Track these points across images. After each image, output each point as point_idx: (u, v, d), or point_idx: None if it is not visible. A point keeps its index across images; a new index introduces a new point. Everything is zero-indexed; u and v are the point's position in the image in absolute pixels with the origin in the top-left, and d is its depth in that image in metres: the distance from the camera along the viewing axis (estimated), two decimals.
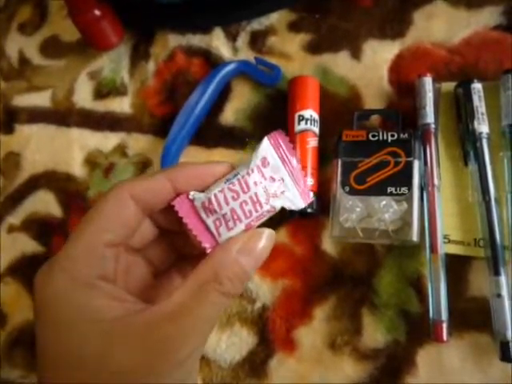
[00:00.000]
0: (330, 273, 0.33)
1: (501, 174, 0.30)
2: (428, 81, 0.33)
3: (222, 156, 0.38)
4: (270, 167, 0.20)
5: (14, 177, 0.47)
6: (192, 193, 0.21)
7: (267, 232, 0.20)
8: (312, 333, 0.32)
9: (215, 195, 0.20)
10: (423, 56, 0.35)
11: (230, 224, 0.20)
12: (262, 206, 0.20)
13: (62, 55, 0.49)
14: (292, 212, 0.32)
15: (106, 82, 0.45)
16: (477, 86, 0.31)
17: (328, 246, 0.33)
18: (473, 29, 0.35)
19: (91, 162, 0.43)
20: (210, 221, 0.20)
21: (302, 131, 0.33)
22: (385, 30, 0.37)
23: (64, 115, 0.46)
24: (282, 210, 0.22)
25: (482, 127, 0.30)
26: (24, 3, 0.54)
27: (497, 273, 0.28)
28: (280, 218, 0.35)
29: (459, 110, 0.32)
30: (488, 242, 0.28)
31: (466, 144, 0.31)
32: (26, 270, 0.43)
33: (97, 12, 0.38)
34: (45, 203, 0.44)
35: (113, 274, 0.20)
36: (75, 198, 0.43)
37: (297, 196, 0.21)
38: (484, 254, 0.29)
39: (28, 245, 0.44)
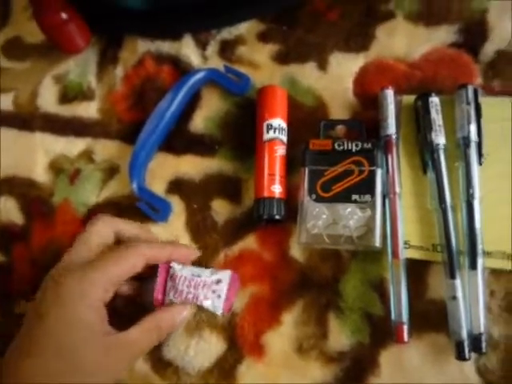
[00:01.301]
0: (297, 278, 0.33)
1: (456, 182, 0.32)
2: (390, 93, 0.34)
3: (190, 163, 0.38)
4: (218, 285, 0.32)
5: None
6: (173, 264, 0.32)
7: (188, 308, 0.32)
8: (280, 337, 0.33)
9: (181, 276, 0.32)
10: (385, 70, 0.37)
11: (176, 295, 0.31)
12: (197, 299, 0.31)
13: (26, 57, 0.48)
14: (260, 218, 0.33)
15: (72, 86, 0.45)
16: (434, 100, 0.33)
17: (295, 252, 0.34)
18: (431, 45, 0.37)
19: (56, 167, 0.42)
20: (168, 285, 0.32)
21: (271, 140, 0.34)
22: (350, 44, 0.38)
23: (27, 119, 0.45)
24: (252, 215, 0.34)
25: (439, 138, 0.32)
26: None
27: (452, 276, 0.29)
28: (249, 225, 0.35)
29: (418, 121, 0.33)
30: (444, 247, 0.30)
31: (424, 154, 0.33)
32: None
33: (63, 15, 0.38)
34: (6, 210, 0.43)
35: (107, 302, 0.30)
36: (38, 204, 0.42)
37: (220, 308, 0.31)
38: (441, 258, 0.31)
39: None
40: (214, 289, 0.31)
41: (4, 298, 0.40)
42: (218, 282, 0.32)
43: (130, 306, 0.34)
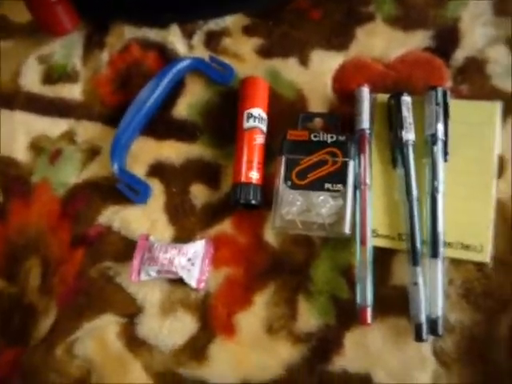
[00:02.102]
0: (270, 262, 0.35)
1: (423, 177, 0.34)
2: (365, 91, 0.36)
3: (171, 148, 0.39)
4: (193, 254, 0.34)
5: None
6: (151, 237, 0.36)
7: None
8: (251, 318, 0.34)
9: (158, 245, 0.35)
10: (363, 68, 0.38)
11: (152, 263, 0.34)
12: (172, 263, 0.33)
13: (10, 36, 0.48)
14: (237, 203, 0.34)
15: (56, 68, 0.45)
16: (406, 99, 0.35)
17: (269, 237, 0.35)
18: (407, 48, 0.39)
19: (36, 147, 0.43)
20: (145, 257, 0.35)
21: (250, 128, 0.35)
22: (331, 42, 0.40)
23: (9, 98, 0.45)
24: (228, 199, 0.36)
25: (409, 135, 0.34)
26: None
27: (415, 263, 0.31)
28: (225, 210, 0.37)
29: (391, 119, 0.35)
30: (409, 237, 0.32)
31: (395, 149, 0.34)
32: None
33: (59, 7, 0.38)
34: None
35: None
36: (17, 182, 0.42)
37: (194, 278, 0.34)
38: (406, 247, 0.33)
39: None
40: (189, 256, 0.34)
41: None
42: (193, 250, 0.34)
43: None
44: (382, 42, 0.39)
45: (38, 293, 0.38)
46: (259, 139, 0.35)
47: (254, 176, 0.34)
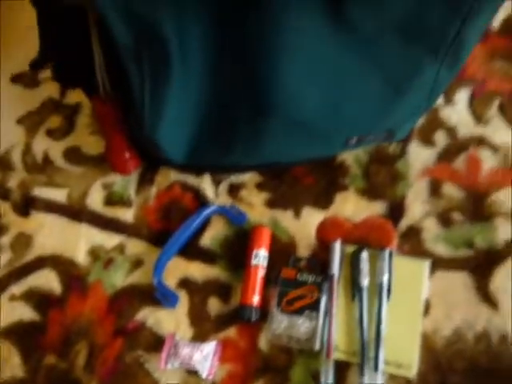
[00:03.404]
0: (261, 363, 0.48)
1: (373, 310, 0.48)
2: (338, 244, 0.52)
3: (197, 267, 0.54)
4: (206, 352, 0.48)
5: (23, 254, 0.59)
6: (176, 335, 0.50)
7: None
8: None
9: (183, 343, 0.48)
10: (338, 225, 0.55)
11: (176, 357, 0.47)
12: (191, 358, 0.47)
13: (82, 163, 0.64)
14: (242, 319, 0.49)
15: (116, 194, 0.61)
16: (364, 254, 0.51)
17: (262, 344, 0.49)
18: (369, 213, 0.55)
19: (94, 253, 0.57)
20: (171, 351, 0.48)
21: (256, 265, 0.51)
22: (317, 202, 0.57)
23: (77, 212, 0.60)
24: (235, 313, 0.50)
25: (364, 282, 0.49)
26: (56, 113, 0.69)
27: (361, 373, 0.45)
28: (232, 320, 0.51)
29: (353, 267, 0.51)
30: (360, 354, 0.46)
31: (354, 289, 0.50)
32: (21, 334, 0.54)
33: (127, 154, 0.55)
34: (48, 280, 0.56)
35: None
36: (76, 280, 0.56)
37: (206, 370, 0.47)
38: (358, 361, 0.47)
39: (26, 313, 0.55)
40: (204, 354, 0.46)
41: (34, 351, 0.53)
42: (207, 349, 0.47)
43: None
44: (352, 207, 0.56)
45: (84, 371, 0.51)
46: (261, 273, 0.51)
47: (255, 300, 0.49)
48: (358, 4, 0.30)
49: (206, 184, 0.59)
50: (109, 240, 0.58)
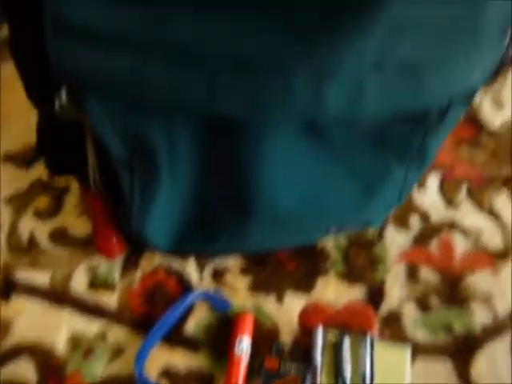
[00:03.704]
0: None
1: None
2: (320, 329, 0.53)
3: (180, 355, 0.54)
4: None
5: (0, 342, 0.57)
6: None
7: None
8: None
9: None
10: (319, 311, 0.56)
11: None
12: None
13: (68, 245, 0.65)
14: None
15: (100, 277, 0.61)
16: (347, 339, 0.52)
17: None
18: (349, 298, 0.57)
19: (74, 341, 0.56)
20: None
21: (239, 354, 0.51)
22: (299, 287, 0.58)
23: (59, 296, 0.60)
24: None
25: (347, 367, 0.50)
26: (44, 193, 0.70)
27: None
28: None
29: (335, 351, 0.51)
30: None
31: (338, 375, 0.50)
32: None
33: (114, 239, 0.57)
34: (23, 371, 0.55)
35: None
36: (53, 371, 0.54)
37: None
38: None
39: None
40: None
41: None
42: None
43: None
44: (333, 291, 0.58)
45: None
46: (244, 361, 0.51)
47: None
48: (334, 126, 0.35)
49: (190, 268, 0.61)
50: (91, 326, 0.57)
